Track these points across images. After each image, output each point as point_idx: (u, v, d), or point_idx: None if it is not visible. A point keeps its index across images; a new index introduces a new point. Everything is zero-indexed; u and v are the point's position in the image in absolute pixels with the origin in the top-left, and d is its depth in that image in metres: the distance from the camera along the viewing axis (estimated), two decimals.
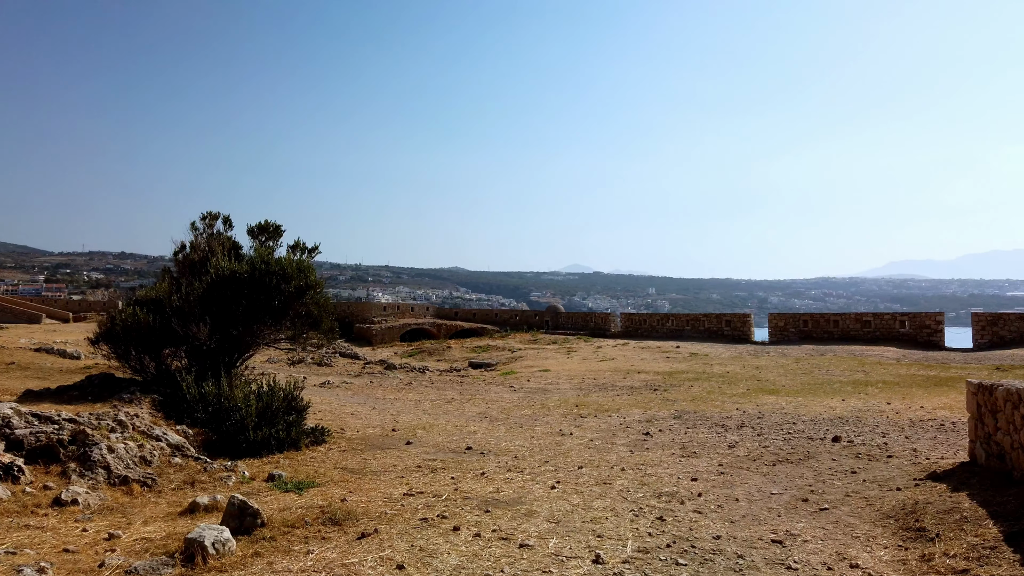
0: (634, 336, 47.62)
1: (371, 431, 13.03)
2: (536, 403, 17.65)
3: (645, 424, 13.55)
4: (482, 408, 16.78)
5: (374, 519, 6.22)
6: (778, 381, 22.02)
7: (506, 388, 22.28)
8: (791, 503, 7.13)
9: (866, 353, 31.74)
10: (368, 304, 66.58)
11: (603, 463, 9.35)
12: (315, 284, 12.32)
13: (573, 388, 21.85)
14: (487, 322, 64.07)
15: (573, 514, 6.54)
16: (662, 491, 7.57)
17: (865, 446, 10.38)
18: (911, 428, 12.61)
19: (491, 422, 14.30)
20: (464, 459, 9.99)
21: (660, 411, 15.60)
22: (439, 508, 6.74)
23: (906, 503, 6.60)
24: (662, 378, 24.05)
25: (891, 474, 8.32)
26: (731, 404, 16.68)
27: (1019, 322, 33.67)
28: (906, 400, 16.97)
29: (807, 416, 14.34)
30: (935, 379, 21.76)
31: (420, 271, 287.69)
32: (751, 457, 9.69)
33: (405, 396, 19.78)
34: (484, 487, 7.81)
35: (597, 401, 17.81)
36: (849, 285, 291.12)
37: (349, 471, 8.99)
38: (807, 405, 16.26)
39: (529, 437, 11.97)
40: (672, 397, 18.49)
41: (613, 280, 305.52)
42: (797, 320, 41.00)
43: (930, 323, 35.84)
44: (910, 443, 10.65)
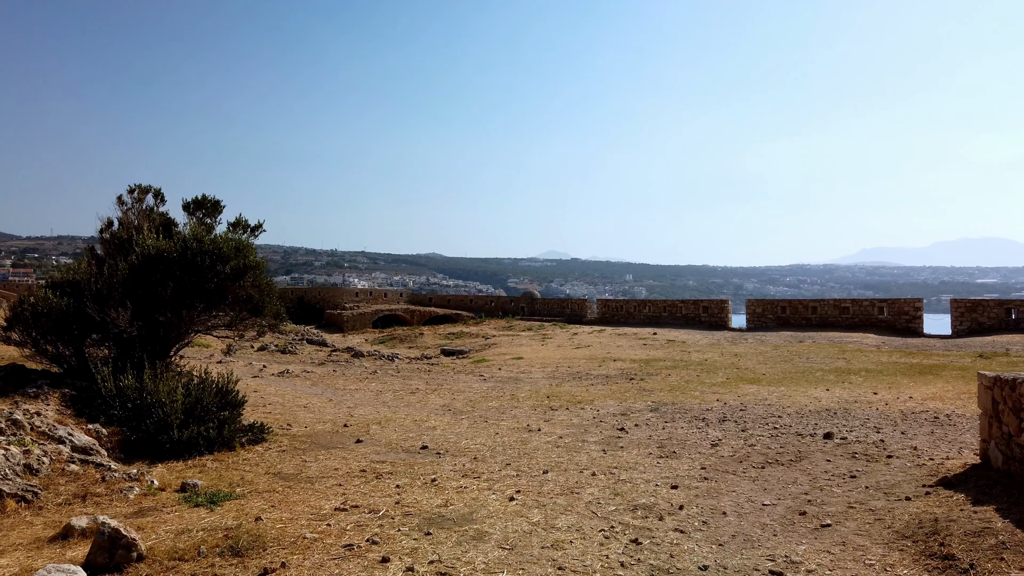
0: (611, 323, 46.77)
1: (321, 427, 11.87)
2: (505, 394, 16.58)
3: (620, 418, 12.53)
4: (447, 400, 15.67)
5: (287, 547, 5.09)
6: (758, 369, 21.18)
7: (476, 377, 21.19)
8: (787, 517, 6.13)
9: (845, 340, 31.11)
10: (340, 290, 65.04)
11: (572, 466, 8.29)
12: (254, 265, 11.07)
13: (546, 377, 20.82)
14: (462, 308, 62.93)
15: (531, 536, 5.46)
16: (638, 503, 6.52)
17: (860, 444, 9.44)
18: (904, 422, 11.72)
19: (454, 416, 13.20)
20: (416, 461, 8.88)
21: (636, 403, 14.60)
22: (372, 529, 5.61)
23: (923, 519, 5.61)
24: (639, 366, 23.11)
25: (895, 478, 7.37)
26: (711, 394, 15.75)
27: (997, 308, 33.26)
28: (893, 390, 16.16)
29: (792, 408, 13.42)
30: (918, 367, 21.06)
31: (397, 257, 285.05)
32: (737, 458, 8.69)
33: (367, 386, 18.61)
34: (432, 499, 6.70)
35: (570, 392, 16.79)
36: (823, 272, 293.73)
37: (281, 477, 7.84)
38: (791, 396, 15.37)
39: (493, 434, 10.89)
40: (649, 387, 17.53)
41: (591, 266, 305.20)
42: (775, 306, 40.37)
43: (909, 309, 35.35)
44: (907, 440, 9.73)
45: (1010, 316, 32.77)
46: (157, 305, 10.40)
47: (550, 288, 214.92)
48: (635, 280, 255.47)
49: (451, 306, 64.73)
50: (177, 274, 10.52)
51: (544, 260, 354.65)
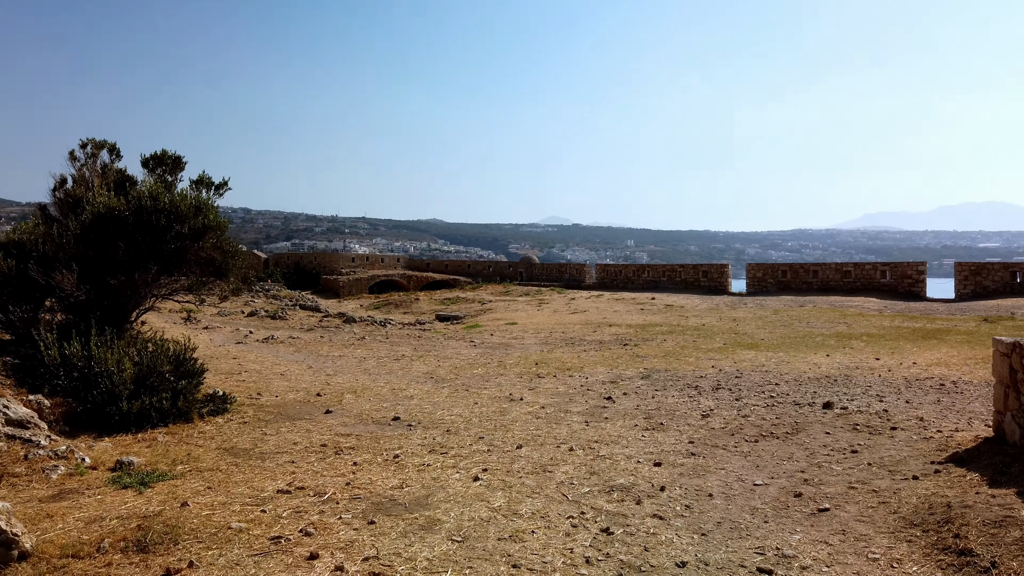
0: (609, 288, 46.10)
1: (292, 396, 11.25)
2: (494, 360, 15.95)
3: (609, 386, 11.89)
4: (431, 367, 15.04)
5: (204, 540, 4.44)
6: (756, 334, 20.52)
7: (466, 343, 20.56)
8: (781, 499, 5.47)
9: (847, 304, 30.42)
10: (337, 255, 64.28)
11: (549, 440, 7.65)
12: (216, 225, 10.31)
13: (538, 343, 20.19)
14: (460, 274, 62.28)
15: (489, 525, 4.81)
16: (615, 483, 5.87)
17: (862, 414, 8.78)
18: (908, 389, 11.06)
19: (436, 384, 12.57)
20: (384, 434, 8.25)
21: (628, 369, 13.96)
22: (310, 517, 4.97)
23: (933, 503, 4.95)
24: (634, 331, 22.47)
25: (900, 454, 6.71)
26: (706, 360, 15.10)
27: (1003, 271, 32.50)
28: (895, 355, 15.50)
29: (790, 375, 12.77)
30: (922, 331, 20.39)
31: (398, 223, 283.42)
32: (728, 431, 8.03)
33: (352, 353, 17.98)
34: (388, 478, 6.06)
35: (560, 358, 16.15)
36: (825, 237, 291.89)
37: (232, 453, 7.21)
38: (789, 362, 14.72)
39: (472, 404, 10.25)
40: (643, 353, 16.89)
41: (592, 232, 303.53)
42: (775, 271, 39.62)
43: (912, 273, 34.59)
44: (912, 409, 9.07)
45: (1015, 279, 32.03)
46: (109, 268, 9.68)
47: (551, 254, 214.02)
48: (636, 245, 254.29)
49: (449, 271, 64.07)
50: (130, 235, 9.78)
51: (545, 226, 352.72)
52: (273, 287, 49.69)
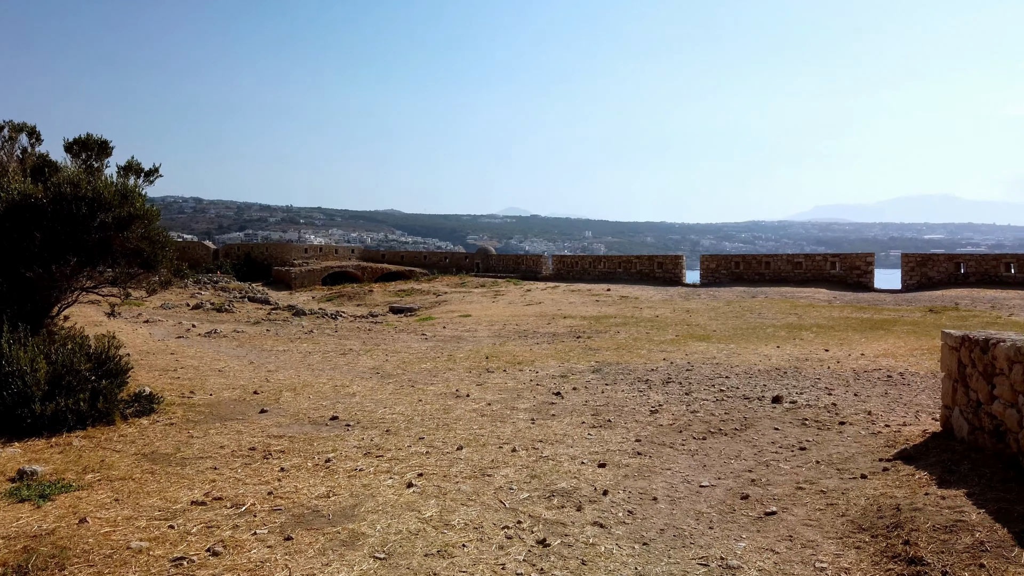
0: (566, 279, 46.03)
1: (228, 394, 10.71)
2: (444, 354, 15.57)
3: (559, 381, 11.62)
4: (379, 361, 14.59)
5: (96, 564, 4.00)
6: (709, 326, 20.55)
7: (417, 336, 20.13)
8: (727, 502, 5.25)
9: (797, 295, 30.82)
10: (289, 246, 62.91)
11: (492, 440, 7.33)
12: (143, 214, 9.69)
13: (491, 336, 19.87)
14: (416, 265, 61.59)
15: (416, 539, 4.47)
16: (556, 487, 5.57)
17: (811, 408, 8.67)
18: (857, 381, 11.05)
19: (381, 379, 12.15)
20: (319, 435, 7.82)
21: (579, 363, 13.73)
22: (221, 533, 4.56)
23: (882, 505, 4.77)
24: (588, 324, 22.32)
25: (849, 451, 6.57)
26: (658, 353, 14.97)
27: (947, 263, 33.32)
28: (844, 346, 15.61)
29: (741, 367, 12.69)
30: (869, 322, 20.67)
31: (354, 213, 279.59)
32: (676, 427, 7.82)
33: (297, 347, 17.40)
34: (315, 486, 5.66)
35: (512, 351, 15.85)
36: (778, 228, 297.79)
37: (150, 459, 6.71)
38: (740, 353, 14.68)
39: (416, 401, 9.87)
40: (595, 346, 16.71)
41: (550, 223, 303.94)
42: (729, 262, 40.00)
43: (860, 264, 35.25)
44: (861, 402, 9.01)
45: (959, 270, 32.86)
46: (24, 260, 9.01)
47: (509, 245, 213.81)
48: (594, 237, 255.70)
49: (405, 263, 63.33)
50: (48, 224, 9.12)
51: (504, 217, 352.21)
52: (222, 279, 48.36)
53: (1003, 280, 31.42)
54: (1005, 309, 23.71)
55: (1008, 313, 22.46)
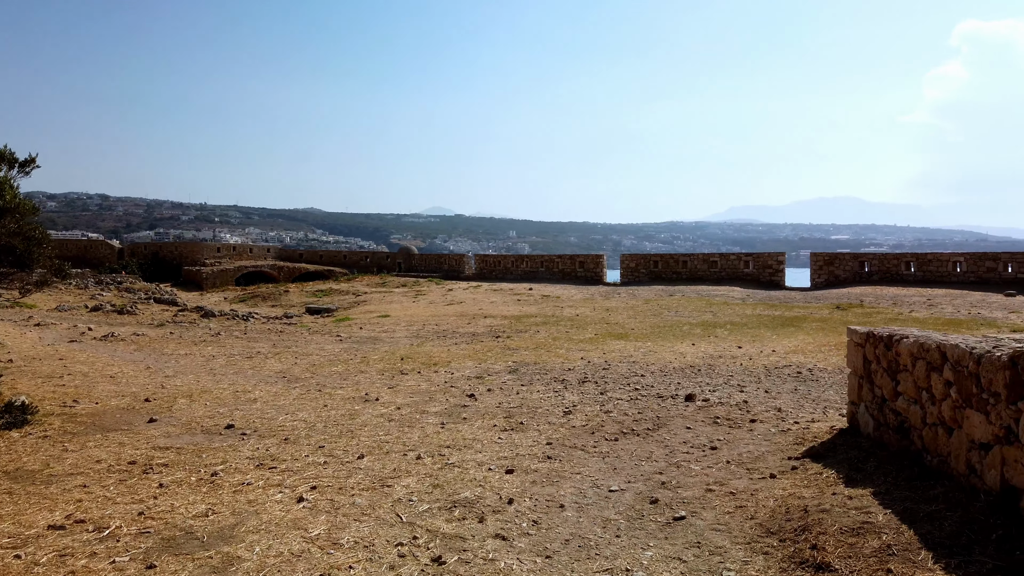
0: (488, 278, 45.84)
1: (116, 402, 9.89)
2: (357, 356, 15.01)
3: (474, 382, 11.30)
4: (287, 365, 13.91)
5: None
6: (627, 324, 20.67)
7: (332, 338, 19.44)
8: (636, 508, 5.04)
9: (713, 293, 31.56)
10: (199, 245, 60.29)
11: (397, 447, 6.93)
12: (16, 207, 8.81)
13: (409, 336, 19.39)
14: (335, 264, 60.14)
15: (298, 561, 4.05)
16: (459, 498, 5.24)
17: (723, 406, 8.64)
18: (768, 378, 11.19)
19: (287, 384, 11.53)
20: (211, 446, 7.24)
21: (496, 363, 13.45)
22: (74, 563, 4.02)
23: (790, 506, 4.66)
24: (509, 323, 22.12)
25: (759, 449, 6.51)
26: (576, 352, 14.86)
27: (852, 262, 34.82)
28: (756, 343, 15.92)
29: (656, 365, 12.70)
30: (780, 319, 21.27)
31: (273, 212, 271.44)
32: (589, 428, 7.62)
33: (202, 351, 16.45)
34: (195, 504, 5.14)
35: (429, 352, 15.43)
36: (695, 229, 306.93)
37: (15, 476, 6.00)
38: (656, 352, 14.74)
39: (321, 407, 9.35)
40: (514, 345, 16.49)
41: (475, 223, 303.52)
42: (648, 261, 40.68)
43: (772, 263, 36.43)
44: (771, 399, 9.07)
45: (863, 269, 34.39)
46: None
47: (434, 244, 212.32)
48: (519, 236, 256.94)
49: (323, 262, 61.75)
50: None
51: (428, 216, 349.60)
52: (127, 279, 45.86)
53: (903, 278, 33.07)
54: (906, 306, 24.89)
55: (908, 309, 23.57)
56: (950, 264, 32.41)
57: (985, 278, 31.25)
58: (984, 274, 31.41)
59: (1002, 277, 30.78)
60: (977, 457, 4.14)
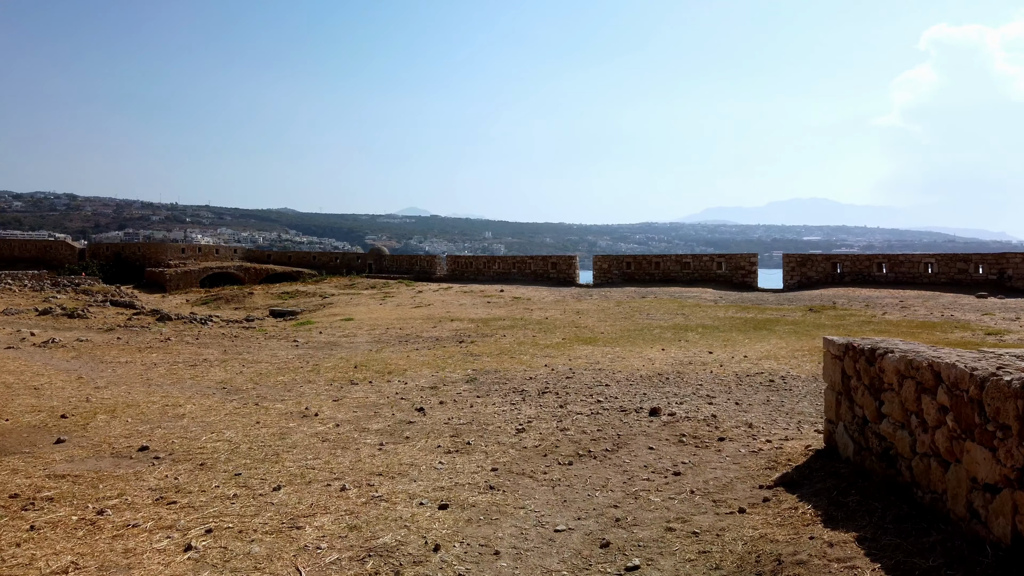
0: (460, 279, 45.04)
1: (29, 418, 8.97)
2: (309, 364, 14.14)
3: (427, 393, 10.52)
4: (232, 374, 13.00)
5: None
6: (597, 328, 20.01)
7: (288, 343, 18.52)
8: (583, 554, 4.31)
9: (685, 295, 31.07)
10: (163, 245, 58.68)
11: (323, 475, 6.13)
12: None
13: (369, 342, 18.54)
14: (304, 266, 58.87)
15: None
16: (377, 543, 4.46)
17: (690, 421, 7.96)
18: (739, 387, 10.56)
19: (225, 396, 10.65)
20: (113, 473, 6.38)
21: (455, 371, 12.68)
22: None
23: (761, 554, 3.96)
24: (475, 326, 21.35)
25: (728, 475, 5.81)
26: (541, 359, 14.14)
27: (825, 263, 34.57)
28: (728, 348, 15.32)
29: (623, 373, 12.02)
30: (753, 322, 20.75)
31: (246, 212, 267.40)
32: (542, 450, 6.88)
33: (145, 358, 15.46)
34: (61, 554, 4.30)
35: (386, 359, 14.61)
36: (670, 230, 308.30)
37: None
38: (625, 357, 14.07)
39: (254, 423, 8.50)
40: (477, 351, 15.73)
41: (450, 224, 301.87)
42: (621, 262, 40.14)
43: (745, 264, 36.07)
44: (742, 412, 8.40)
45: (835, 270, 34.15)
46: None
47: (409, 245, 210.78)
48: (494, 237, 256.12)
49: (292, 263, 60.45)
50: None
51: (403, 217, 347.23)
52: (85, 281, 44.33)
53: (875, 279, 32.86)
54: (879, 308, 24.55)
55: (882, 312, 23.22)
56: (922, 265, 32.27)
57: (956, 279, 31.12)
58: (955, 275, 31.29)
59: (973, 278, 30.68)
60: (981, 500, 3.48)
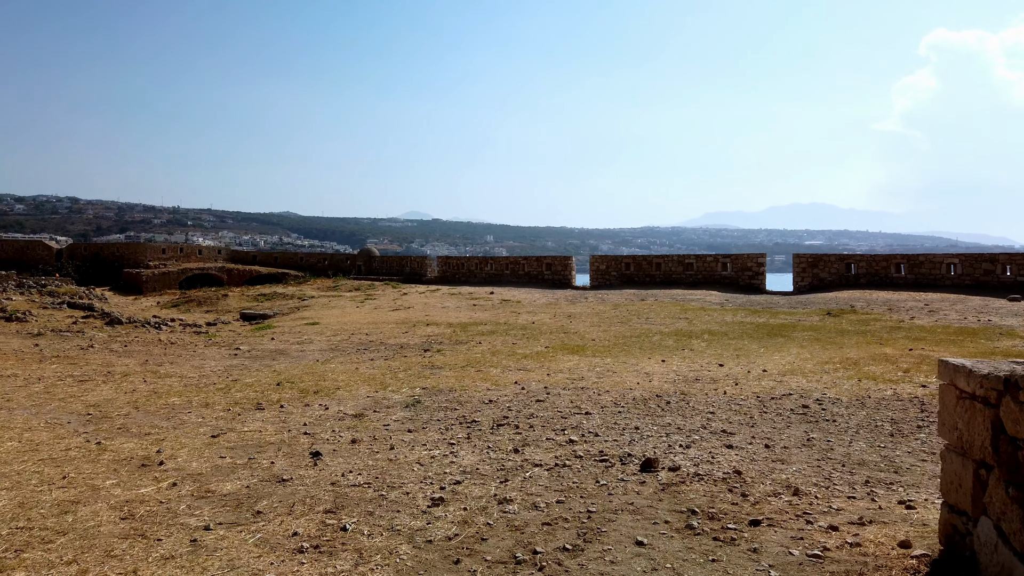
0: (451, 281, 42.37)
1: None
2: (227, 380, 11.47)
3: (346, 424, 7.84)
4: (120, 393, 10.29)
5: None
6: (588, 334, 17.32)
7: (227, 352, 15.88)
8: None
9: (688, 297, 28.37)
10: (143, 245, 56.11)
11: None
12: None
13: (322, 350, 15.90)
14: (291, 267, 56.12)
15: None
16: None
17: (702, 482, 5.26)
18: (764, 416, 7.86)
19: (76, 426, 7.94)
20: None
21: (399, 391, 10.00)
22: None
23: None
24: (451, 332, 18.69)
25: None
26: (513, 372, 11.47)
27: (838, 264, 31.89)
28: (742, 359, 12.65)
29: (612, 394, 9.32)
30: (766, 327, 18.06)
31: (248, 216, 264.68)
32: (457, 549, 4.11)
33: (37, 370, 12.75)
34: None
35: (325, 373, 11.94)
36: (671, 234, 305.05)
37: None
38: (616, 371, 11.39)
39: (60, 477, 5.79)
40: (442, 362, 13.06)
41: (451, 227, 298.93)
42: (619, 263, 37.43)
43: (752, 265, 33.37)
44: (778, 463, 5.72)
45: (850, 271, 31.48)
46: None
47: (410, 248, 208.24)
48: (496, 241, 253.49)
49: (279, 264, 57.77)
50: None
51: (405, 220, 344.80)
52: (53, 282, 41.73)
53: (893, 281, 30.18)
54: (904, 312, 21.83)
55: (909, 317, 20.50)
56: (944, 266, 29.56)
57: (982, 281, 28.38)
58: (980, 277, 28.55)
59: (1000, 280, 27.94)
60: None
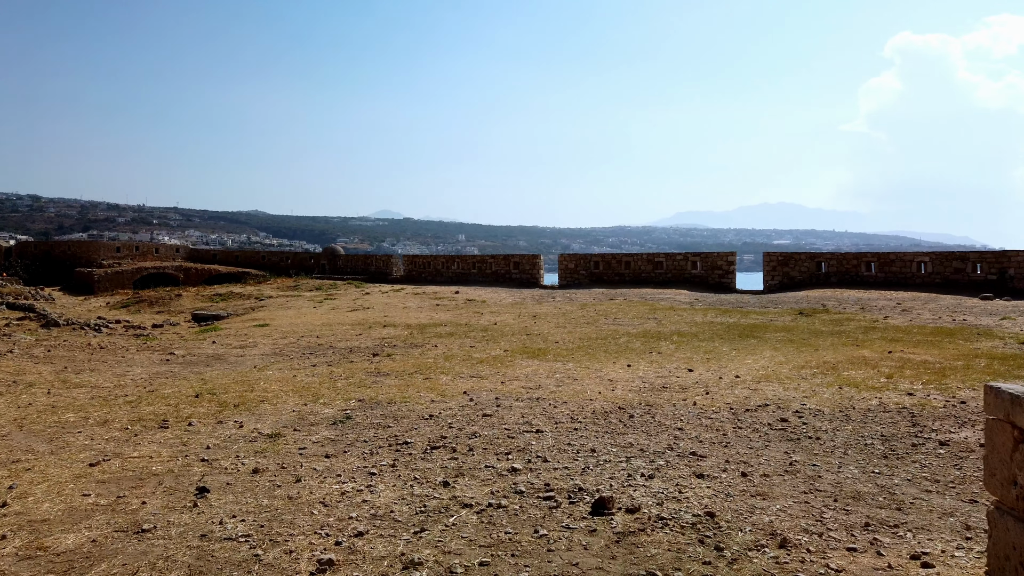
0: (416, 281, 41.15)
1: None
2: (142, 390, 10.25)
3: (256, 446, 6.73)
4: (12, 408, 9.07)
5: None
6: (552, 335, 16.34)
7: (159, 357, 14.60)
8: None
9: (658, 297, 27.57)
10: (96, 243, 53.96)
11: None
12: None
13: (264, 354, 14.70)
14: (252, 266, 54.32)
15: None
16: None
17: (666, 530, 4.23)
18: (738, 434, 6.92)
19: None
20: None
21: (332, 403, 8.89)
22: None
23: None
24: (409, 334, 17.58)
25: None
26: (464, 380, 10.42)
27: (808, 262, 31.35)
28: (713, 363, 11.75)
29: (569, 407, 8.33)
30: (737, 328, 17.25)
31: (215, 214, 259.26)
32: None
33: None
34: None
35: (255, 381, 10.77)
36: (642, 233, 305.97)
37: None
38: (577, 378, 10.41)
39: None
40: (389, 368, 11.97)
41: (423, 226, 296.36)
42: (588, 262, 36.53)
43: (722, 264, 32.70)
44: (757, 499, 4.76)
45: (820, 269, 30.95)
46: None
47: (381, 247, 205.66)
48: (468, 240, 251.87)
49: (240, 263, 55.94)
50: None
51: (376, 219, 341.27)
52: None
53: (864, 280, 29.71)
54: (876, 311, 21.20)
55: (883, 316, 19.85)
56: (914, 265, 29.16)
57: (952, 280, 28.01)
58: (951, 275, 28.18)
59: (971, 279, 27.59)
60: None
